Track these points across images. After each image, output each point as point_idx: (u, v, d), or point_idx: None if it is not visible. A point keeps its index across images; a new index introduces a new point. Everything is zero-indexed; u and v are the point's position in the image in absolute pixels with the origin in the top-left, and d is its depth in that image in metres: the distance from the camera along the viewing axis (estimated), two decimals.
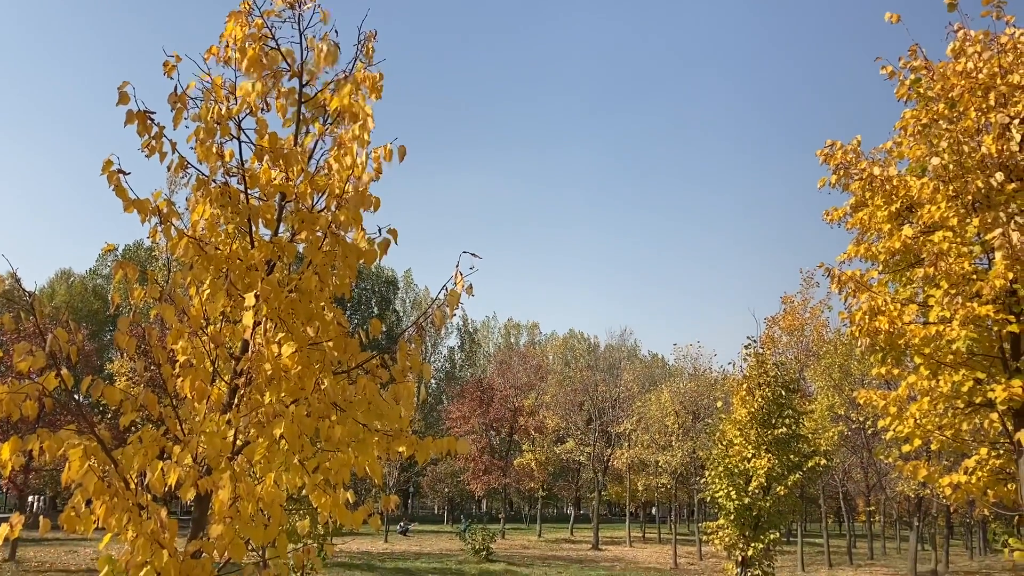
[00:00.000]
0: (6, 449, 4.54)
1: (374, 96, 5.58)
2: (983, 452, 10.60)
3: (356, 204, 5.33)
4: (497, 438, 62.33)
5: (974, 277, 9.81)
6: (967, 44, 10.27)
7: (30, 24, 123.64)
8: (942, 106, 10.24)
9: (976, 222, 9.82)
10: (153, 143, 5.35)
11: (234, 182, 5.46)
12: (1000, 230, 9.28)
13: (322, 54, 5.71)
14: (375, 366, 5.55)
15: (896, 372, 11.31)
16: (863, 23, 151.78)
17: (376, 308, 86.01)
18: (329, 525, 16.74)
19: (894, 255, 10.92)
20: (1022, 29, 10.10)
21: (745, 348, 19.01)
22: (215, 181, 5.39)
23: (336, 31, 5.76)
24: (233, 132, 5.52)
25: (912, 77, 10.85)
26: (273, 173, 5.58)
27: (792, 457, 17.42)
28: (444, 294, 5.37)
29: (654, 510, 77.93)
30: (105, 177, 5.17)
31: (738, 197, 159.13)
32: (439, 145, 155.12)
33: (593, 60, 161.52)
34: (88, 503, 4.68)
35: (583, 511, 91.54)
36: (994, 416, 10.36)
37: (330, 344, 5.35)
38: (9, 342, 24.39)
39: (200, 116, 5.48)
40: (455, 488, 72.78)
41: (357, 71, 5.60)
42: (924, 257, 10.12)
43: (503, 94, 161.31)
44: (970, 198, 10.00)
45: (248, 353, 5.11)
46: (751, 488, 16.91)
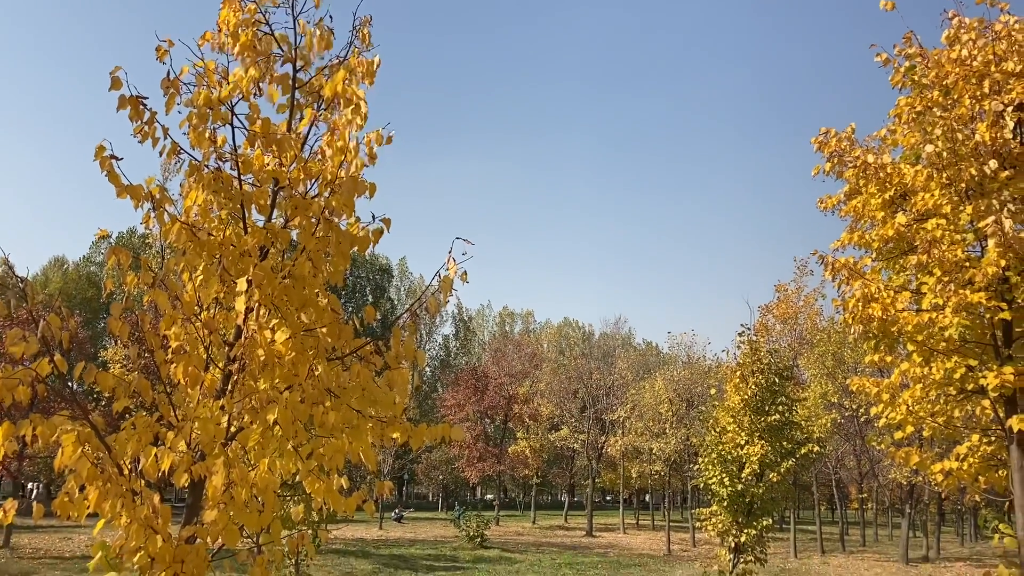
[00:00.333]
0: None
1: (368, 82, 5.55)
2: (975, 439, 10.65)
3: (349, 190, 5.32)
4: (492, 426, 62.48)
5: (967, 264, 9.83)
6: (962, 31, 10.26)
7: (22, 11, 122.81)
8: (936, 93, 10.24)
9: (969, 210, 9.84)
10: (146, 128, 5.32)
11: (227, 168, 5.43)
12: (993, 218, 9.30)
13: (316, 39, 5.68)
14: (369, 353, 5.55)
15: (889, 359, 11.35)
16: (859, 10, 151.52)
17: (370, 296, 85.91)
18: (323, 511, 16.76)
19: (888, 242, 10.93)
20: (1016, 17, 10.10)
21: (739, 336, 19.04)
22: (208, 167, 5.36)
23: (331, 16, 5.74)
24: (226, 118, 5.50)
25: (907, 64, 10.84)
26: (266, 159, 5.55)
27: (785, 444, 17.48)
28: (438, 281, 5.36)
29: (648, 497, 78.26)
30: (98, 163, 5.15)
31: (734, 185, 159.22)
32: (435, 132, 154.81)
33: (591, 46, 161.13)
34: (82, 489, 4.68)
35: (577, 498, 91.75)
36: (986, 403, 10.41)
37: (324, 330, 5.34)
38: (2, 328, 24.32)
39: (193, 101, 5.45)
40: (450, 475, 72.93)
41: (351, 56, 5.57)
42: (917, 244, 10.14)
43: (500, 80, 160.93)
44: (963, 186, 10.02)
45: (241, 339, 5.11)
46: (744, 475, 16.97)
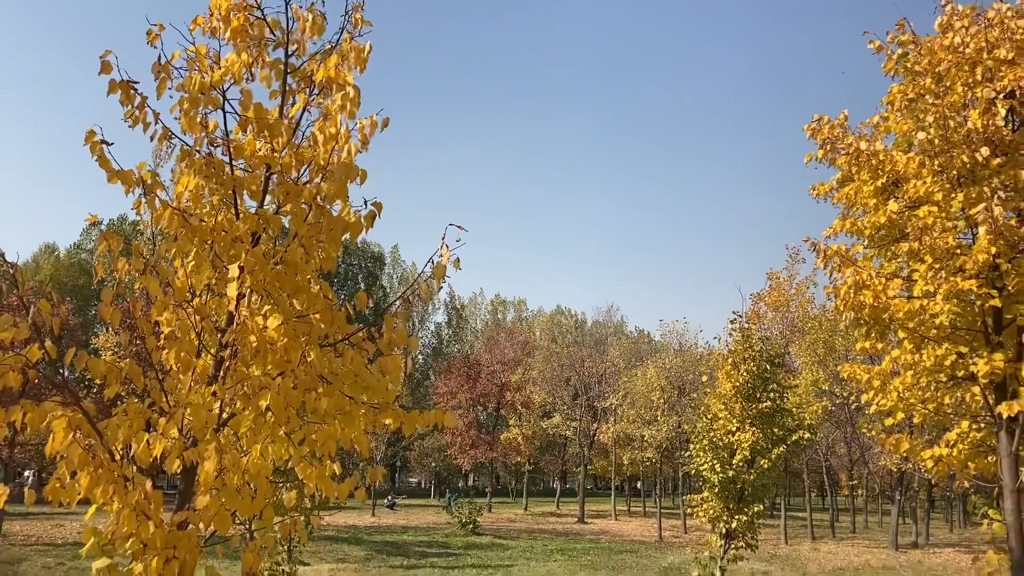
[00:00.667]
0: None
1: (359, 67, 5.52)
2: (964, 425, 10.71)
3: (341, 176, 5.30)
4: (484, 413, 62.59)
5: (958, 252, 9.86)
6: (955, 18, 10.27)
7: None
8: (929, 81, 10.25)
9: (961, 197, 9.86)
10: (137, 113, 5.29)
11: (219, 153, 5.41)
12: (984, 205, 9.32)
13: (308, 24, 5.65)
14: (362, 339, 5.55)
15: (880, 346, 11.39)
16: None
17: (363, 284, 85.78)
18: (316, 498, 16.77)
19: (879, 230, 10.96)
20: (1009, 4, 10.10)
21: (731, 323, 19.10)
22: (199, 152, 5.34)
23: (323, 1, 5.70)
24: (217, 102, 5.47)
25: (900, 52, 10.84)
26: (258, 144, 5.53)
27: (776, 431, 17.55)
28: (431, 267, 5.35)
29: (639, 484, 78.55)
30: (88, 148, 5.12)
31: (726, 172, 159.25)
32: (427, 116, 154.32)
33: (587, 31, 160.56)
34: (73, 475, 4.67)
35: (569, 485, 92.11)
36: (976, 389, 10.47)
37: (316, 317, 5.33)
38: None
39: (184, 86, 5.42)
40: (442, 463, 73.07)
41: (344, 42, 5.55)
42: (909, 232, 10.17)
43: (492, 65, 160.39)
44: (955, 173, 10.04)
45: (233, 325, 5.10)
46: (735, 461, 17.05)
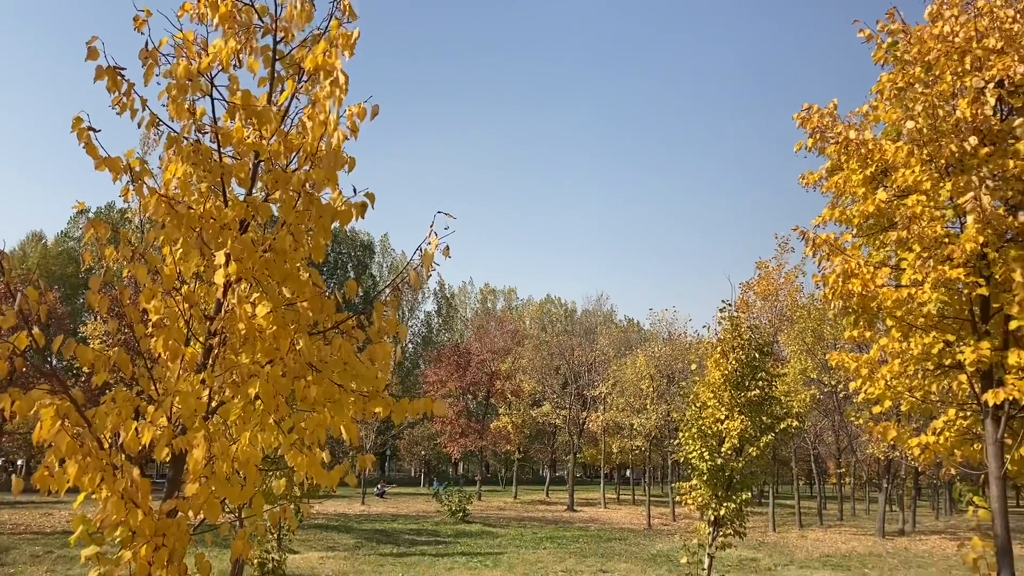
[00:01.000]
0: None
1: (347, 54, 5.50)
2: (951, 413, 10.78)
3: (330, 163, 5.28)
4: (474, 402, 62.75)
5: (946, 240, 9.90)
6: (944, 7, 10.28)
7: None
8: (918, 70, 10.26)
9: (949, 186, 9.90)
10: (124, 100, 5.26)
11: (207, 140, 5.38)
12: (972, 194, 9.36)
13: (296, 11, 5.62)
14: (351, 327, 5.54)
15: (868, 335, 11.44)
16: None
17: (352, 273, 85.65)
18: (305, 486, 16.80)
19: (868, 218, 10.99)
20: None
21: (720, 312, 19.14)
22: (187, 139, 5.31)
23: None
24: (206, 89, 5.44)
25: (889, 40, 10.85)
26: (247, 131, 5.50)
27: (765, 419, 17.62)
28: (419, 255, 5.35)
29: (628, 472, 78.86)
30: (76, 135, 5.09)
31: (716, 162, 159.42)
32: (421, 107, 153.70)
33: (578, 20, 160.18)
34: (61, 463, 4.66)
35: (558, 473, 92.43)
36: (963, 378, 10.53)
37: (305, 304, 5.32)
38: None
39: (172, 73, 5.39)
40: (432, 451, 73.21)
41: (332, 28, 5.51)
42: (898, 220, 10.20)
43: (488, 54, 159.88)
44: (944, 162, 10.07)
45: (222, 313, 5.08)
46: (724, 449, 17.11)
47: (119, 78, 5.20)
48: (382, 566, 23.19)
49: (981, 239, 9.45)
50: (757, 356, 18.13)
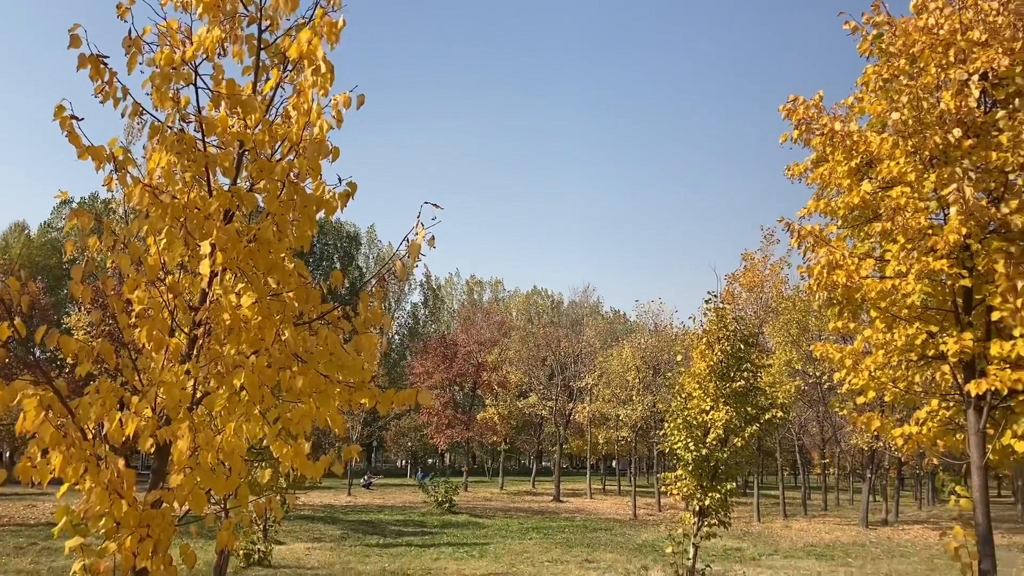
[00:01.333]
0: None
1: (331, 42, 5.47)
2: (934, 404, 10.87)
3: (314, 153, 5.26)
4: (460, 393, 62.75)
5: (930, 232, 9.96)
6: (929, 0, 10.32)
7: None
8: (903, 62, 10.31)
9: (933, 178, 9.95)
10: (107, 88, 5.22)
11: (191, 129, 5.35)
12: (955, 186, 9.41)
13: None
14: (337, 318, 5.53)
15: (852, 326, 11.52)
16: None
17: (339, 264, 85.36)
18: (291, 477, 16.77)
19: (853, 210, 11.04)
20: None
21: (706, 303, 19.17)
22: (171, 128, 5.28)
23: None
24: (189, 78, 5.40)
25: (874, 33, 10.89)
26: (231, 121, 5.47)
27: (749, 410, 17.70)
28: (406, 245, 5.34)
29: (614, 463, 79.13)
30: (58, 123, 5.05)
31: (702, 153, 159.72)
32: (409, 98, 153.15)
33: (569, 10, 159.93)
34: (44, 453, 4.63)
35: (545, 464, 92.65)
36: (946, 368, 10.61)
37: (291, 295, 5.31)
38: None
39: (155, 61, 5.35)
40: (419, 442, 73.22)
41: (317, 16, 5.48)
42: (882, 212, 10.25)
43: (474, 44, 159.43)
44: (928, 154, 10.12)
45: (206, 303, 5.06)
46: (709, 440, 17.18)
47: (102, 66, 5.16)
48: (368, 557, 23.19)
49: (964, 230, 9.52)
50: (742, 347, 18.20)
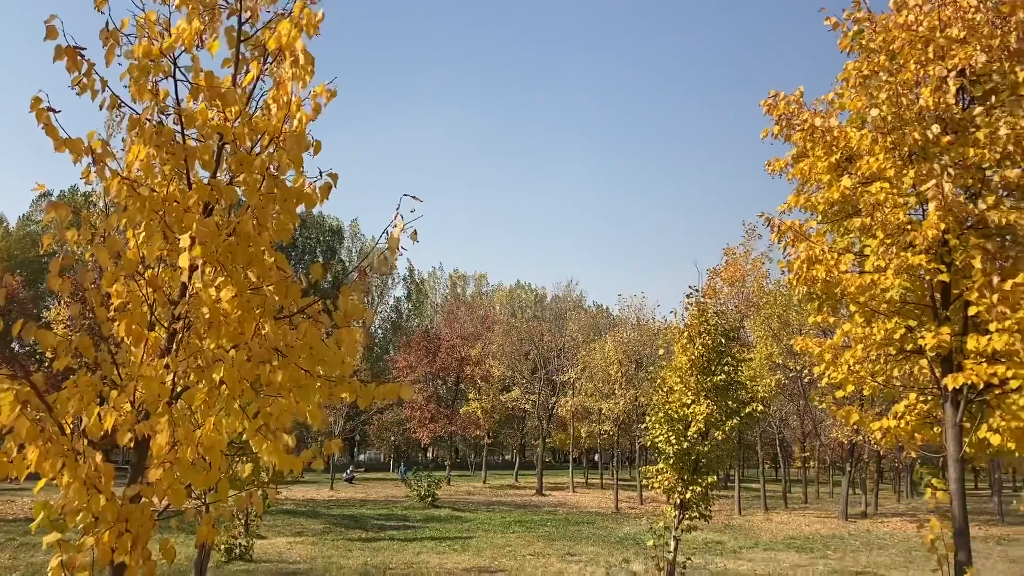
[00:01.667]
0: None
1: (311, 34, 5.44)
2: (912, 397, 10.97)
3: (295, 146, 5.23)
4: (443, 387, 62.69)
5: (908, 227, 10.05)
6: None
7: None
8: (883, 58, 10.38)
9: (912, 173, 10.03)
10: (84, 80, 5.17)
11: (170, 122, 5.31)
12: (934, 181, 9.49)
13: None
14: (317, 312, 5.51)
15: (832, 320, 11.60)
16: None
17: (321, 257, 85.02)
18: (272, 471, 16.72)
19: (833, 205, 11.12)
20: None
21: (687, 297, 19.23)
22: (149, 120, 5.24)
23: None
24: (168, 70, 5.36)
25: (855, 29, 10.96)
26: (211, 113, 5.43)
27: (730, 403, 17.76)
28: (386, 238, 5.33)
29: (597, 456, 79.40)
30: (35, 115, 4.99)
31: (686, 148, 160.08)
32: (388, 90, 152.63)
33: (554, 2, 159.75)
34: (21, 448, 4.60)
35: (528, 458, 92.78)
36: (924, 363, 10.72)
37: (271, 289, 5.28)
38: None
39: (133, 53, 5.31)
40: (402, 436, 73.14)
41: (296, 8, 5.45)
42: (861, 207, 10.33)
43: (457, 33, 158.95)
44: (907, 150, 10.20)
45: (186, 297, 5.04)
46: (690, 433, 17.24)
47: (79, 58, 5.11)
48: (350, 551, 23.17)
49: (942, 226, 9.60)
50: (723, 341, 18.26)
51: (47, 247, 5.20)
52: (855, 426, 11.94)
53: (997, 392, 9.98)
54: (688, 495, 17.29)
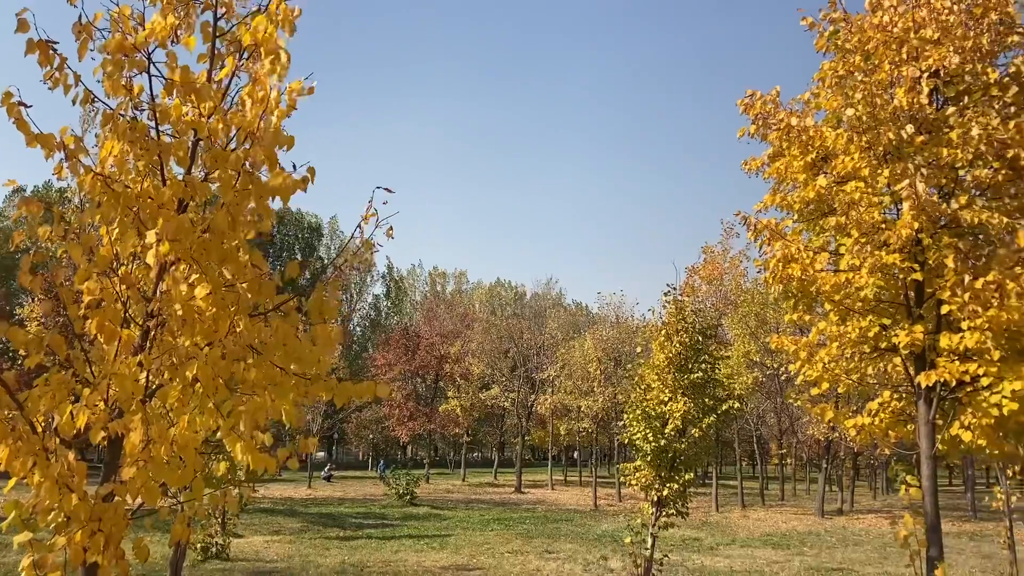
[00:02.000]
0: None
1: (287, 30, 5.41)
2: (886, 395, 11.09)
3: (270, 142, 5.20)
4: (423, 385, 62.60)
5: (883, 226, 10.15)
6: None
7: None
8: (858, 58, 10.47)
9: (887, 173, 10.13)
10: (56, 74, 5.11)
11: (144, 117, 5.27)
12: (908, 181, 9.59)
13: None
14: (292, 309, 5.48)
15: (807, 318, 11.70)
16: None
17: (300, 255, 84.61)
18: (248, 469, 16.63)
19: (808, 204, 11.21)
20: None
21: (665, 295, 19.29)
22: (123, 116, 5.19)
23: None
24: (142, 65, 5.31)
25: (831, 29, 11.04)
26: (185, 109, 5.39)
27: (707, 401, 17.85)
28: (360, 233, 5.32)
29: (576, 454, 79.61)
30: (5, 110, 4.94)
31: (664, 147, 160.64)
32: (371, 85, 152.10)
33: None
34: None
35: (507, 456, 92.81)
36: (897, 360, 10.83)
37: (245, 286, 5.25)
38: None
39: (107, 47, 5.26)
40: (380, 435, 72.95)
41: (272, 4, 5.42)
42: (837, 206, 10.42)
43: (440, 27, 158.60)
44: (882, 149, 10.30)
45: (158, 294, 5.00)
46: (667, 431, 17.30)
47: (51, 52, 5.06)
48: (328, 549, 23.09)
49: (916, 225, 9.70)
50: (701, 339, 18.33)
51: (18, 243, 5.15)
52: (830, 423, 12.04)
53: (969, 389, 10.10)
54: (665, 492, 17.35)
